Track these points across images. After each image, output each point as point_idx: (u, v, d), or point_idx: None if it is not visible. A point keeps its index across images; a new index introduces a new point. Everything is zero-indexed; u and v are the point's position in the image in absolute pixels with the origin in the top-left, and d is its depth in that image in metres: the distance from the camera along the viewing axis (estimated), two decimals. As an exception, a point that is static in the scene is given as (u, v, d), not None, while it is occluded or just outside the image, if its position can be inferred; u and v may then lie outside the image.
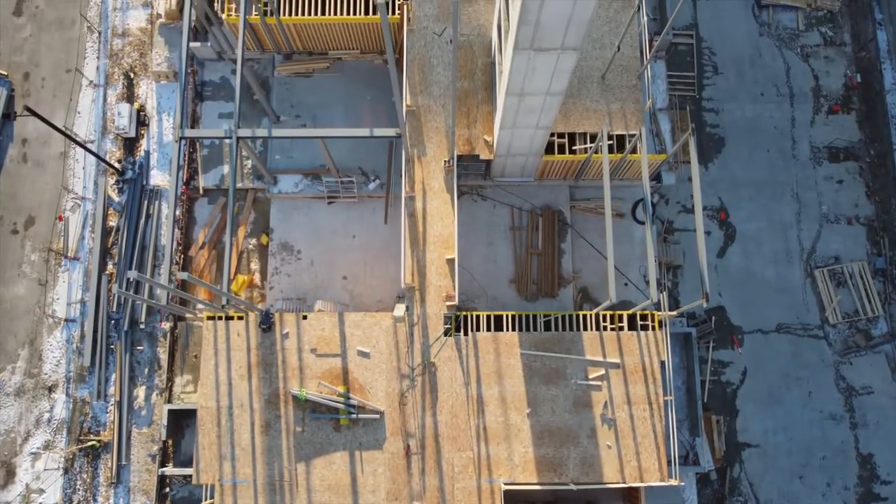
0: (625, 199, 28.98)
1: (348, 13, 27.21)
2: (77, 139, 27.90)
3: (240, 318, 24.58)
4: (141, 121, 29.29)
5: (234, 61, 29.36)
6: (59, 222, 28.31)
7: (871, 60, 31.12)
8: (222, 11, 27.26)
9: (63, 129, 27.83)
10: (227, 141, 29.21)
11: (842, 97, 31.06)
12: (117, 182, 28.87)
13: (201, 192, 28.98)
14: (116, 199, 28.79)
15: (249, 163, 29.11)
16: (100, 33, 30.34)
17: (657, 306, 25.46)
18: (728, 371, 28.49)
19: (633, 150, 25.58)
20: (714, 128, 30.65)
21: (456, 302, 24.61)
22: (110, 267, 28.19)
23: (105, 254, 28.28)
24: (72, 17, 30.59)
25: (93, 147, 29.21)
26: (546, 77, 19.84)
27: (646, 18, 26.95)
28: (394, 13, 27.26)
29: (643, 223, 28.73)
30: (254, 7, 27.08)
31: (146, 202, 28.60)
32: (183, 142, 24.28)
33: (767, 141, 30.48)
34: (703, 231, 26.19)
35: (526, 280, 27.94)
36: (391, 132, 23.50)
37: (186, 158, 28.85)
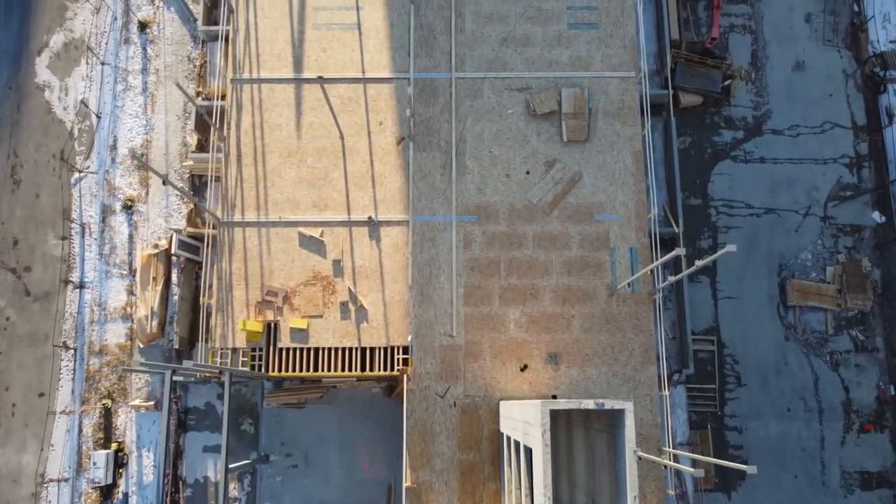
0: (642, 548, 26.82)
1: (343, 370, 25.10)
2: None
3: None
4: (119, 461, 27.08)
5: (221, 385, 27.28)
6: (28, 592, 26.17)
7: (905, 369, 28.96)
8: (207, 374, 25.07)
9: None
10: (213, 481, 27.18)
11: (874, 412, 28.87)
12: (93, 532, 26.69)
13: (184, 537, 26.80)
14: (92, 550, 26.63)
15: (236, 505, 26.97)
16: (75, 351, 28.11)
17: None
18: None
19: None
20: (737, 449, 28.46)
21: None
22: None
23: None
24: (45, 331, 28.37)
25: (67, 487, 27.01)
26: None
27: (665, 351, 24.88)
28: (392, 369, 25.12)
29: (662, 576, 26.58)
30: (240, 362, 25.02)
31: (124, 557, 26.42)
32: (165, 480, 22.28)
33: (795, 464, 28.31)
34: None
35: None
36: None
37: (169, 499, 26.66)
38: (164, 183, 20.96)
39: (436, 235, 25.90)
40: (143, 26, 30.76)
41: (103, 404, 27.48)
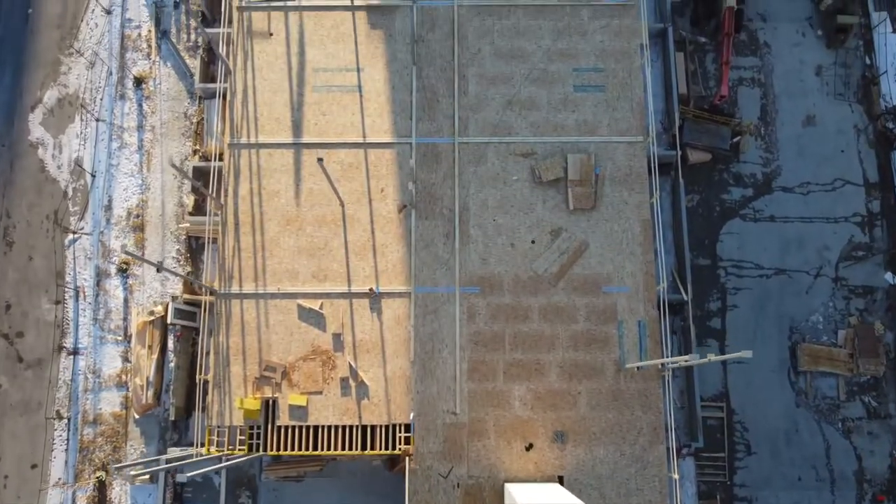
0: None
1: (343, 448, 24.41)
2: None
3: None
4: (113, 537, 26.43)
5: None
6: None
7: (919, 436, 28.26)
8: (202, 446, 24.42)
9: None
10: (210, 556, 26.42)
11: (887, 482, 28.18)
12: None
13: None
14: None
15: (234, 582, 26.30)
16: (68, 420, 27.44)
17: None
18: None
19: None
20: (748, 521, 27.81)
21: None
22: None
23: None
24: (38, 400, 27.71)
25: (60, 563, 26.37)
26: None
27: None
28: (394, 447, 24.43)
29: None
30: (238, 441, 24.35)
31: None
32: None
33: (807, 538, 27.64)
34: None
35: None
36: None
37: (164, 576, 26.02)
38: (158, 270, 20.35)
39: (438, 308, 25.22)
40: (138, 82, 30.08)
41: (97, 477, 26.80)
